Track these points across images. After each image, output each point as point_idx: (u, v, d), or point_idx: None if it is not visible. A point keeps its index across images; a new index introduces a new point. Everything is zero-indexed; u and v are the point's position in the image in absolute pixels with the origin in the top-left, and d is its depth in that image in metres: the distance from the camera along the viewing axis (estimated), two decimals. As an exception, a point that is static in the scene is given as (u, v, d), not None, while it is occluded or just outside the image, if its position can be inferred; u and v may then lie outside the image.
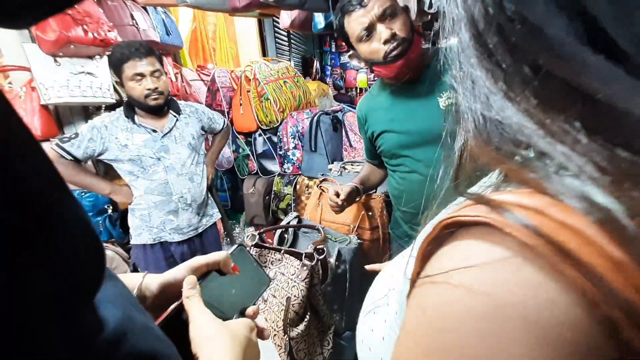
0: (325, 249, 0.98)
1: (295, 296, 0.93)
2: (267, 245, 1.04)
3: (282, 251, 1.01)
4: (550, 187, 0.19)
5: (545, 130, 0.20)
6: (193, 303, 0.40)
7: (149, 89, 1.36)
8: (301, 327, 0.92)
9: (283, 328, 0.90)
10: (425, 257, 0.24)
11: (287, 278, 0.97)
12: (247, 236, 1.02)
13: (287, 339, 0.90)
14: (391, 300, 0.35)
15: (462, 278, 0.20)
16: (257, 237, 1.03)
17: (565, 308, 0.17)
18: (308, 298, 0.95)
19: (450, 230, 0.23)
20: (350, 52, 1.04)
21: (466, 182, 0.28)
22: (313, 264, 0.94)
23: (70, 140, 1.35)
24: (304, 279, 0.93)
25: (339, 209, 1.13)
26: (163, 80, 1.41)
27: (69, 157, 1.34)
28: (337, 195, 1.11)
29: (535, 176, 0.20)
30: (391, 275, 0.38)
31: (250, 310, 0.45)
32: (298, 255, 0.97)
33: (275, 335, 0.92)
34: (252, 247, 1.00)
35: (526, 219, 0.18)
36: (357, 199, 1.21)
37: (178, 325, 0.38)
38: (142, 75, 1.35)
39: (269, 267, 1.02)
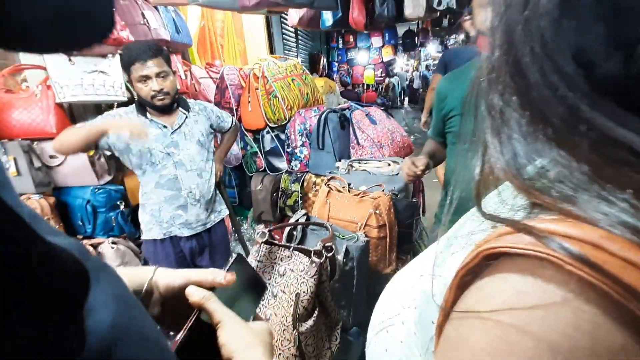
0: (333, 246, 1.00)
1: (304, 292, 0.95)
2: (277, 242, 1.06)
3: (292, 248, 1.03)
4: (598, 218, 0.17)
5: (603, 181, 0.18)
6: (215, 305, 0.37)
7: (154, 90, 1.39)
8: (310, 322, 0.95)
9: (292, 323, 0.92)
10: (461, 286, 0.23)
11: (297, 275, 0.99)
12: (258, 233, 1.04)
13: (297, 333, 0.92)
14: (408, 319, 0.33)
15: (515, 318, 0.18)
16: (267, 234, 1.05)
17: (637, 354, 0.16)
18: (316, 294, 0.98)
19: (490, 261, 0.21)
20: (467, 18, 1.06)
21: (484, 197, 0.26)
22: (322, 261, 0.96)
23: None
24: (313, 276, 0.95)
25: (415, 179, 1.18)
26: (170, 80, 1.44)
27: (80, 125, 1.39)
28: (414, 165, 1.16)
29: (577, 210, 0.18)
30: (412, 287, 0.35)
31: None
32: (307, 252, 1.00)
33: (284, 330, 0.94)
34: (263, 244, 1.03)
35: (585, 255, 0.16)
36: (427, 172, 1.23)
37: (199, 328, 0.37)
38: (147, 77, 1.39)
39: (279, 264, 1.04)
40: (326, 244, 0.99)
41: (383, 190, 1.45)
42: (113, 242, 1.65)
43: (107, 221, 1.66)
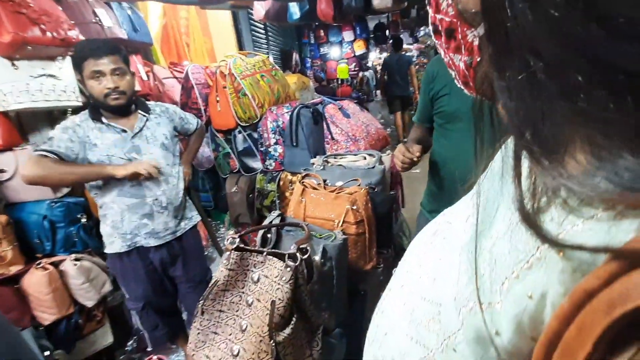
0: (308, 248, 0.95)
1: (280, 299, 0.89)
2: (249, 248, 1.00)
3: (265, 253, 0.97)
4: None
5: None
6: None
7: (108, 88, 1.29)
8: (287, 330, 0.89)
9: (269, 333, 0.87)
10: (569, 351, 0.16)
11: (271, 281, 0.93)
12: (227, 240, 0.97)
13: (274, 344, 0.86)
14: None
15: None
16: (238, 239, 0.99)
17: None
18: (293, 300, 0.92)
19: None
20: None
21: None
22: (296, 264, 0.91)
23: (46, 143, 1.28)
24: (288, 281, 0.90)
25: (410, 166, 1.15)
26: (126, 80, 1.34)
27: (53, 156, 1.25)
28: (408, 151, 1.12)
29: None
30: (427, 321, 0.28)
31: None
32: (281, 256, 0.94)
33: (261, 341, 0.88)
34: (233, 251, 0.96)
35: None
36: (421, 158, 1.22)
37: None
38: (101, 73, 1.28)
39: (252, 270, 0.98)
40: (300, 246, 0.94)
41: (359, 185, 1.40)
42: (76, 259, 1.53)
43: (67, 236, 1.54)
